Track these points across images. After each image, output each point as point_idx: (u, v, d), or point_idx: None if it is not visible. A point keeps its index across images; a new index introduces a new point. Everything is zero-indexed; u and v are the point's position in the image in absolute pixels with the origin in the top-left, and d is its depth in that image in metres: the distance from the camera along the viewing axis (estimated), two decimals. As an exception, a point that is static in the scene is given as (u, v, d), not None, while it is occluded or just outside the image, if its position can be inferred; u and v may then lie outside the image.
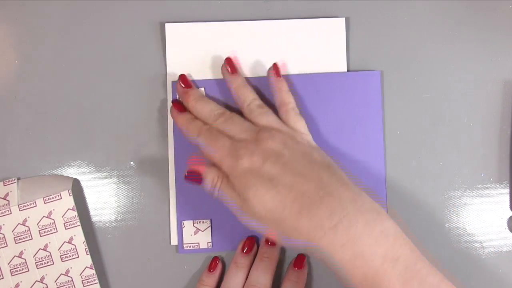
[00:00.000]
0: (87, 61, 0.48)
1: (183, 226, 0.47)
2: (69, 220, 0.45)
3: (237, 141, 0.41)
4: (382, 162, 0.48)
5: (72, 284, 0.45)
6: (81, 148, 0.48)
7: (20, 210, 0.45)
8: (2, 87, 0.48)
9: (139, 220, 0.48)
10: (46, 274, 0.45)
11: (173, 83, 0.48)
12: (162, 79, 0.48)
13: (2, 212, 0.45)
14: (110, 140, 0.48)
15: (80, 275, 0.45)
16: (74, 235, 0.45)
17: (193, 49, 0.48)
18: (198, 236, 0.47)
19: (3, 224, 0.45)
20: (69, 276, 0.45)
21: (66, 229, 0.45)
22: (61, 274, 0.45)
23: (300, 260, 0.46)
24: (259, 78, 0.48)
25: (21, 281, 0.45)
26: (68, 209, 0.45)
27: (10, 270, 0.45)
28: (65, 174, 0.48)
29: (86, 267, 0.45)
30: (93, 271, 0.45)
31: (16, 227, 0.45)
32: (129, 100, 0.48)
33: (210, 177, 0.41)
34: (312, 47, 0.48)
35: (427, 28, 0.49)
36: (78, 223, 0.45)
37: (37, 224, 0.45)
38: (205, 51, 0.48)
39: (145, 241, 0.48)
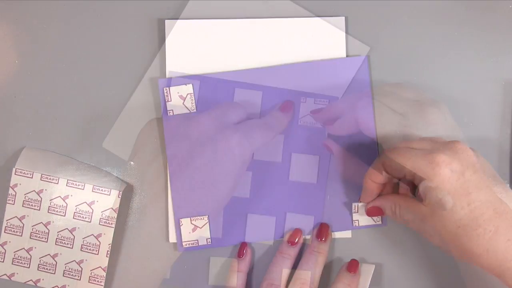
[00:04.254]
0: (86, 60, 0.48)
1: (180, 224, 0.46)
2: (106, 218, 0.46)
3: None
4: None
5: (79, 275, 0.46)
6: (81, 148, 0.48)
7: (66, 185, 0.46)
8: (2, 87, 0.48)
9: (139, 220, 0.48)
10: (60, 253, 0.46)
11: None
12: (162, 77, 0.48)
13: (50, 179, 0.46)
14: (110, 140, 0.48)
15: (91, 270, 0.46)
16: (104, 234, 0.46)
17: (192, 46, 0.48)
18: (196, 233, 0.46)
19: (45, 190, 0.46)
20: (80, 266, 0.46)
21: (99, 224, 0.46)
22: (74, 261, 0.46)
23: (355, 264, 0.46)
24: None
25: (35, 247, 0.46)
26: (111, 208, 0.46)
27: (31, 232, 0.46)
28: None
29: (100, 267, 0.46)
30: (104, 274, 0.45)
31: (55, 198, 0.46)
32: (129, 99, 0.48)
33: (388, 207, 0.43)
34: (312, 46, 0.48)
35: (427, 28, 0.49)
36: (113, 226, 0.46)
37: (76, 206, 0.46)
38: (205, 48, 0.48)
39: (145, 240, 0.48)
